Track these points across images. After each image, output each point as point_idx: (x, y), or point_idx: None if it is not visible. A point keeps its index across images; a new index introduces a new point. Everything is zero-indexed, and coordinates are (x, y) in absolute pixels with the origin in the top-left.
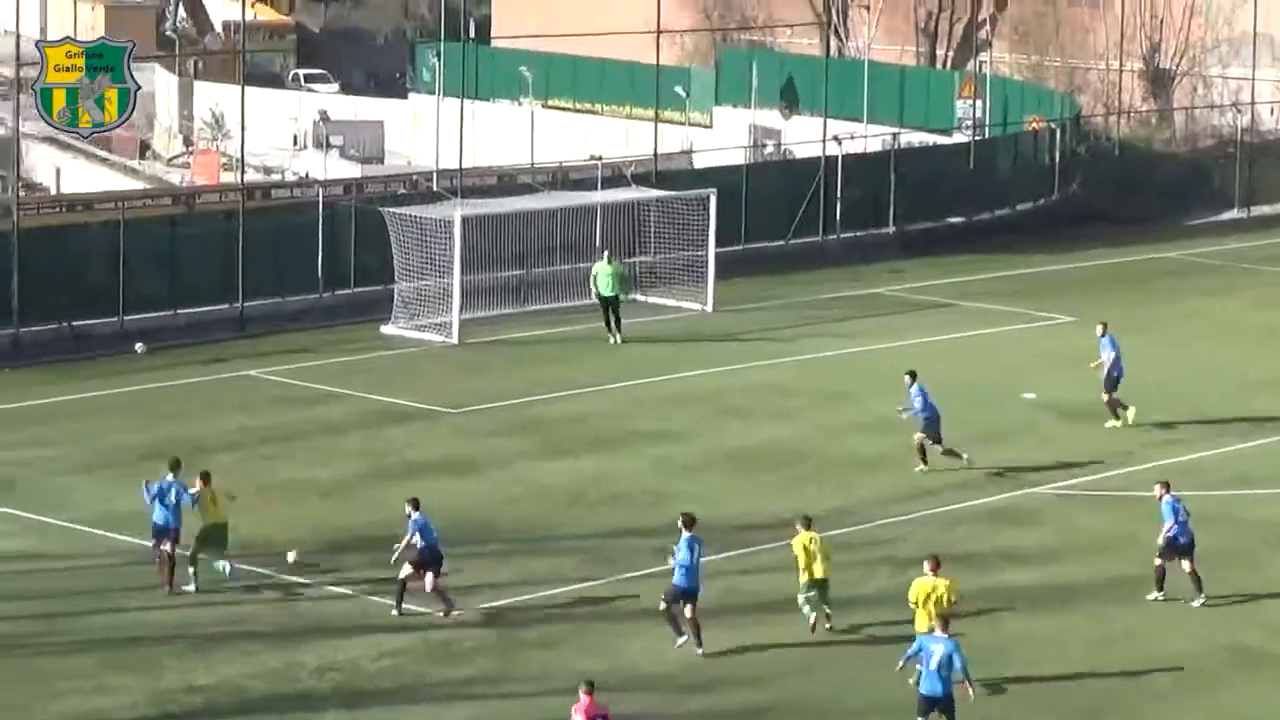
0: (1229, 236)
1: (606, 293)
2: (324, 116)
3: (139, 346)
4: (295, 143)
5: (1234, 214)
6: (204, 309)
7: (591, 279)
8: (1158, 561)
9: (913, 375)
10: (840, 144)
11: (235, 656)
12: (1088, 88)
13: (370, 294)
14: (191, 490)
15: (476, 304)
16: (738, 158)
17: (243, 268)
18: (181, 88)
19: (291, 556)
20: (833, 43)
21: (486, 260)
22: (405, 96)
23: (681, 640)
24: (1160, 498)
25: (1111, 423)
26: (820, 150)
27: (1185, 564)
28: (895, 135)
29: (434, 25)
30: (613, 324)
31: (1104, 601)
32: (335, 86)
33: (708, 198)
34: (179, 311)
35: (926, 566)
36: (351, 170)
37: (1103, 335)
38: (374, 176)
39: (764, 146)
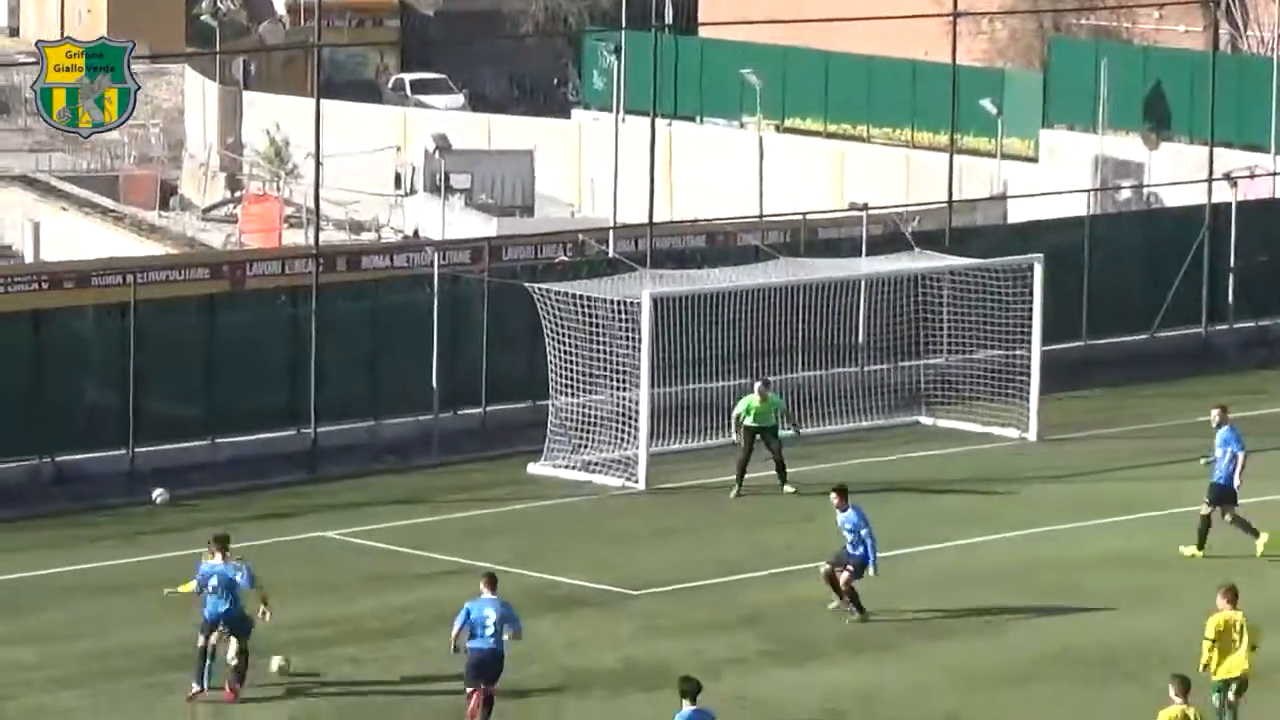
0: None
1: (761, 424)
2: (441, 145)
3: (158, 494)
4: (398, 184)
5: None
6: (255, 437)
7: (738, 415)
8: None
9: None
10: (1235, 185)
11: None
12: None
13: (510, 414)
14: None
15: (673, 432)
16: (1078, 206)
17: (316, 374)
18: (225, 101)
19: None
20: (1225, 30)
21: (689, 364)
22: (568, 115)
23: None
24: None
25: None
26: (1204, 195)
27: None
28: None
29: (610, 8)
30: (774, 466)
31: None
32: (459, 99)
33: (1031, 267)
34: (218, 441)
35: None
36: (484, 226)
37: (1219, 425)
38: (519, 236)
39: (1118, 189)
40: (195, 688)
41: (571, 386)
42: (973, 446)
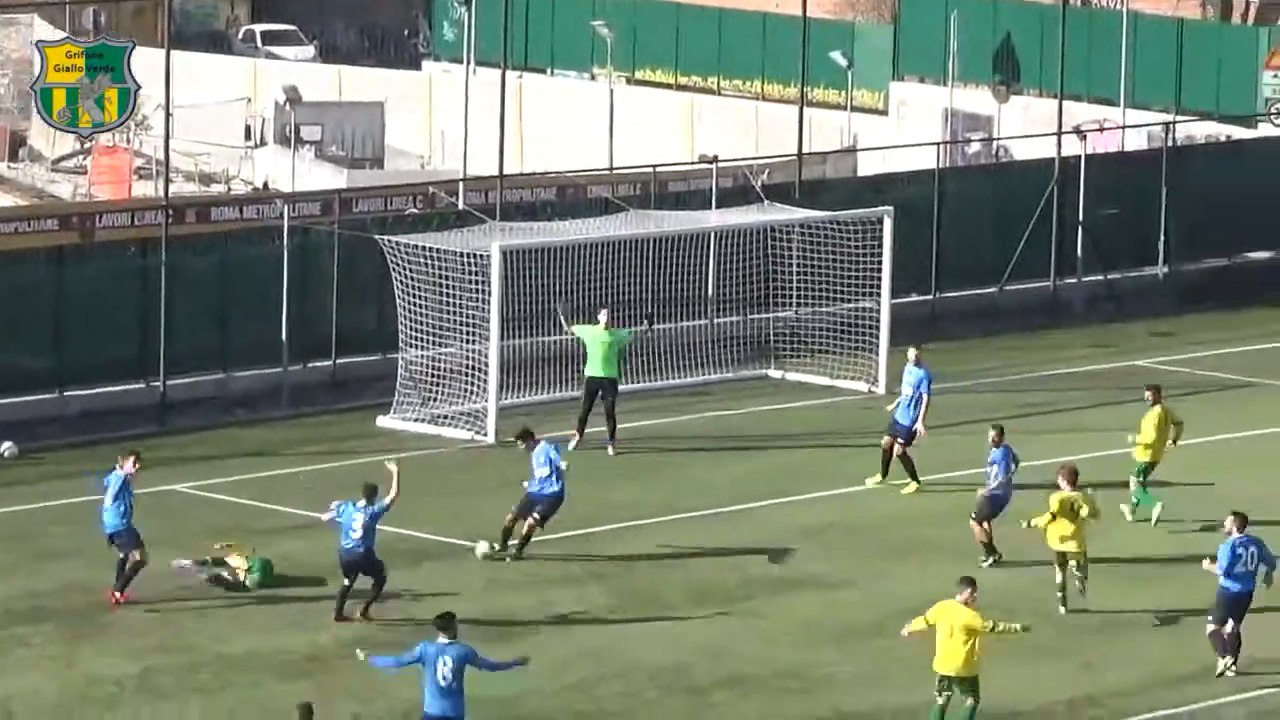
0: None
1: (599, 373)
2: (291, 96)
3: (6, 448)
4: (248, 137)
5: None
6: (105, 390)
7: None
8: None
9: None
10: (1084, 139)
11: None
12: None
13: (361, 367)
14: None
15: (523, 384)
16: (927, 159)
17: (165, 327)
18: None
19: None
20: None
21: (539, 317)
22: (418, 66)
23: None
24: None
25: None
26: (1053, 149)
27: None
28: (1168, 126)
29: None
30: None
31: None
32: (310, 50)
33: (880, 220)
34: (67, 394)
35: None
36: (334, 178)
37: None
38: (369, 188)
39: (967, 142)
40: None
41: (421, 339)
42: (821, 400)
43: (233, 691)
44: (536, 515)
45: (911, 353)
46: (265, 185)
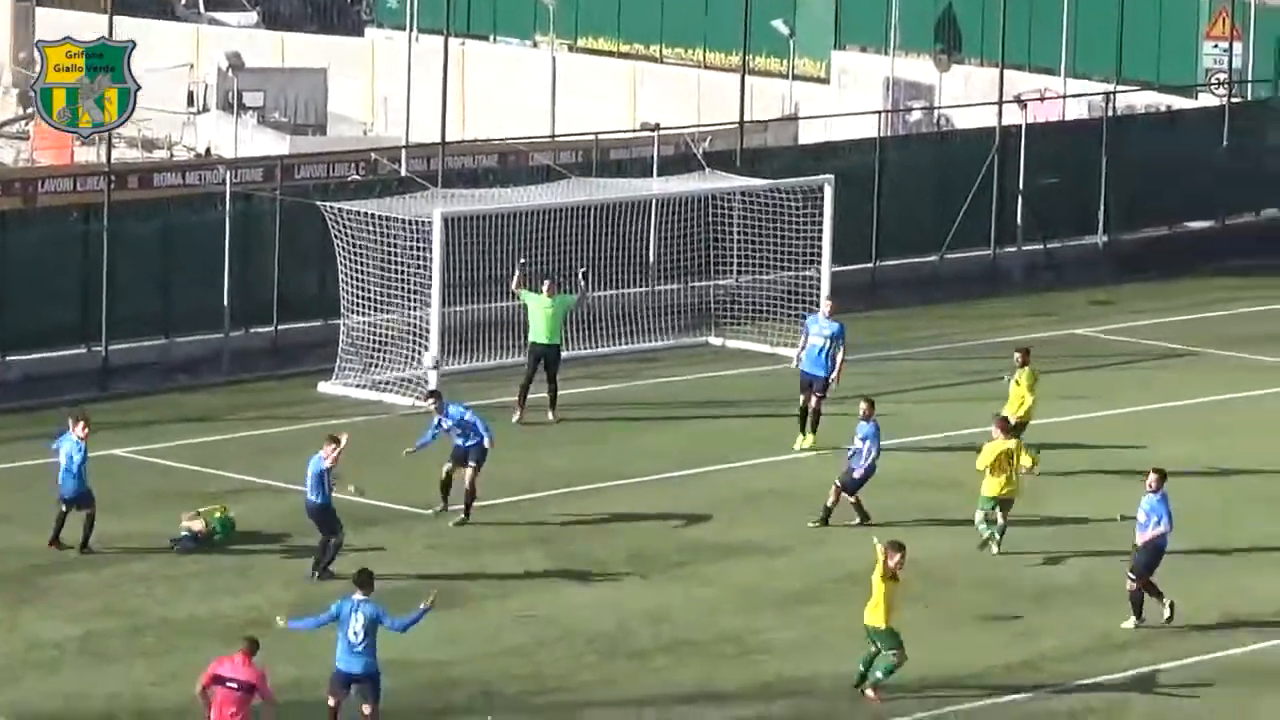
0: None
1: (543, 339)
2: (234, 62)
3: None
4: (191, 103)
5: None
6: (46, 355)
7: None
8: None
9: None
10: (1025, 108)
11: None
12: None
13: (302, 333)
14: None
15: (465, 350)
16: (868, 128)
17: (108, 293)
18: (17, 17)
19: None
20: None
21: (481, 284)
22: (361, 33)
23: None
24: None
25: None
26: (994, 118)
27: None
28: (1109, 96)
29: None
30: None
31: None
32: (253, 16)
33: (821, 189)
34: (9, 359)
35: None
36: (277, 144)
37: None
38: (311, 155)
39: (908, 111)
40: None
41: (363, 305)
42: (762, 367)
43: (176, 655)
44: (473, 464)
45: (825, 305)
46: (208, 151)
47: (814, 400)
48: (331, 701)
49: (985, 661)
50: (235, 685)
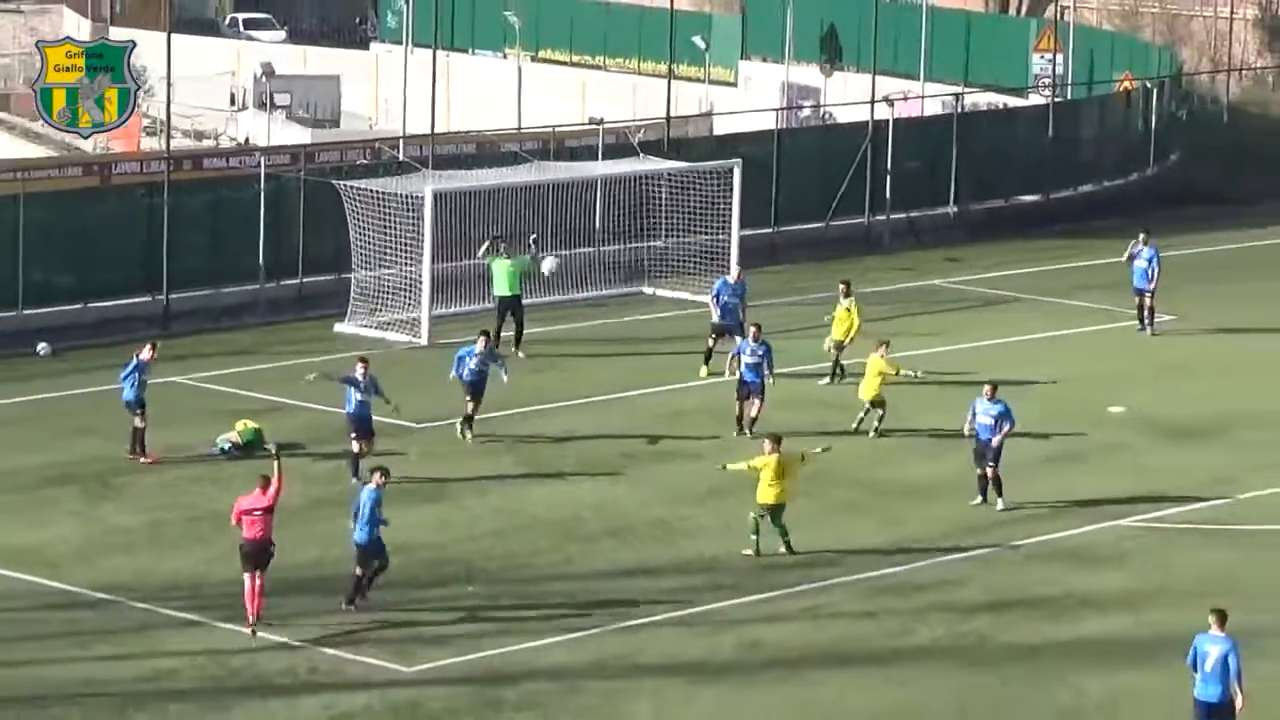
0: None
1: (506, 293)
2: (268, 70)
3: (41, 347)
4: (233, 102)
5: None
6: (120, 302)
7: (486, 261)
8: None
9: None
10: (892, 106)
11: (156, 719)
12: (1191, 39)
13: (322, 285)
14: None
15: (450, 298)
16: (768, 122)
17: (167, 253)
18: (95, 34)
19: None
20: None
21: (463, 245)
22: (366, 47)
23: None
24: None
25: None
26: (868, 114)
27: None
28: (958, 96)
29: None
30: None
31: None
32: (282, 34)
33: (731, 170)
34: (90, 305)
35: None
36: (301, 135)
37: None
38: (328, 143)
39: (800, 109)
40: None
41: (370, 262)
42: (686, 311)
43: (224, 539)
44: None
45: (735, 270)
46: (246, 141)
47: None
48: (357, 570)
49: (859, 543)
50: (259, 512)
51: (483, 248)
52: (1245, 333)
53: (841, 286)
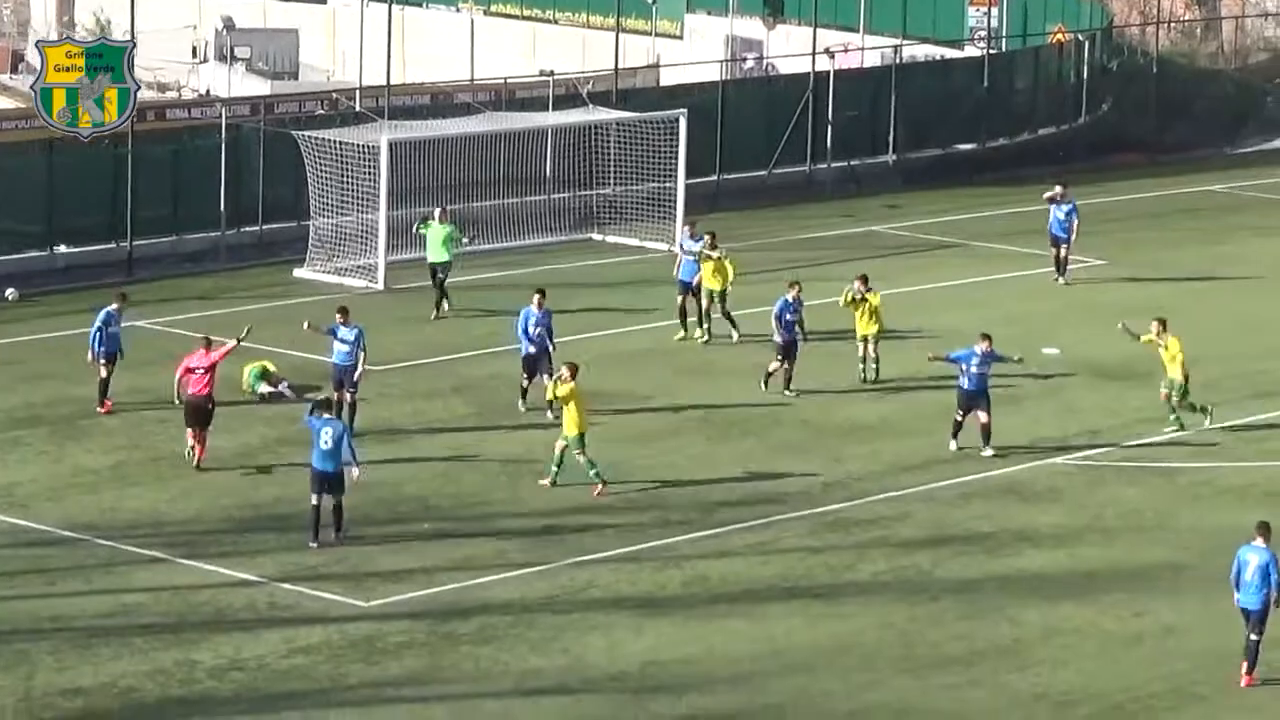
0: None
1: (437, 259)
2: (228, 24)
3: (9, 293)
4: (194, 55)
5: None
6: (85, 249)
7: (419, 232)
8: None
9: None
10: (833, 58)
11: (122, 654)
12: None
13: (281, 232)
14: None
15: (405, 244)
16: (712, 74)
17: (131, 201)
18: None
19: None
20: None
21: (418, 193)
22: (324, 1)
23: None
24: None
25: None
26: (809, 65)
27: (981, 415)
28: (897, 49)
29: None
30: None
31: (1134, 591)
32: None
33: (677, 120)
34: (56, 251)
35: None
36: (260, 87)
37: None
38: (286, 94)
39: (743, 61)
40: None
41: (328, 210)
42: (632, 257)
43: (184, 479)
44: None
45: (687, 227)
46: (207, 92)
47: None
48: (315, 500)
49: (803, 482)
50: (203, 370)
51: (416, 225)
52: (1172, 280)
53: (707, 239)
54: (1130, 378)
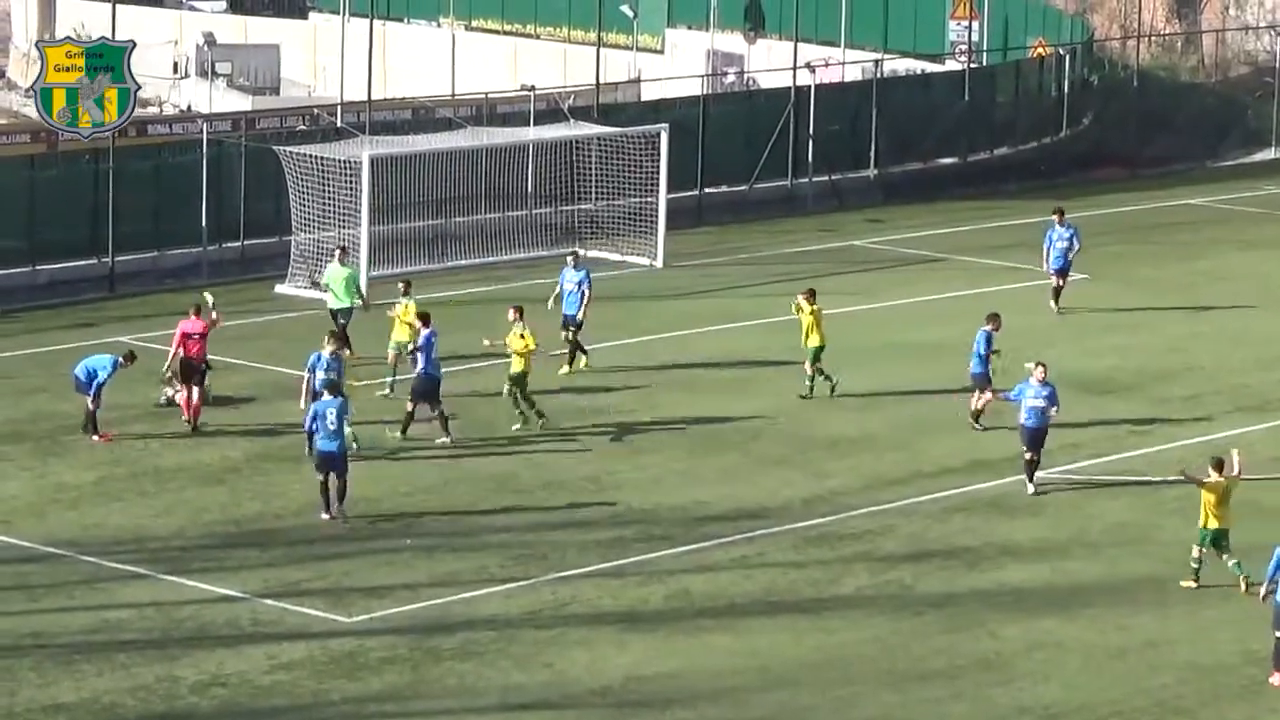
0: (1265, 180)
1: (337, 304)
2: (209, 39)
3: None
4: (175, 70)
5: (1271, 154)
6: (67, 264)
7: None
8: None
9: None
10: (814, 72)
11: (104, 670)
12: (1102, 7)
13: (262, 248)
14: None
15: (387, 259)
16: (694, 88)
17: (113, 217)
18: (42, 4)
19: None
20: None
21: (399, 209)
22: (305, 16)
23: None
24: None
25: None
26: (790, 80)
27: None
28: (878, 62)
29: None
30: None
31: (1117, 605)
32: (222, 4)
33: (658, 135)
34: (38, 268)
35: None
36: (241, 102)
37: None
38: (268, 110)
39: (724, 75)
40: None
41: (309, 225)
42: (614, 271)
43: (167, 494)
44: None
45: (570, 258)
46: (189, 108)
47: (569, 334)
48: (320, 477)
49: (786, 496)
50: (196, 335)
51: (317, 282)
52: (1154, 292)
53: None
54: (1114, 392)
